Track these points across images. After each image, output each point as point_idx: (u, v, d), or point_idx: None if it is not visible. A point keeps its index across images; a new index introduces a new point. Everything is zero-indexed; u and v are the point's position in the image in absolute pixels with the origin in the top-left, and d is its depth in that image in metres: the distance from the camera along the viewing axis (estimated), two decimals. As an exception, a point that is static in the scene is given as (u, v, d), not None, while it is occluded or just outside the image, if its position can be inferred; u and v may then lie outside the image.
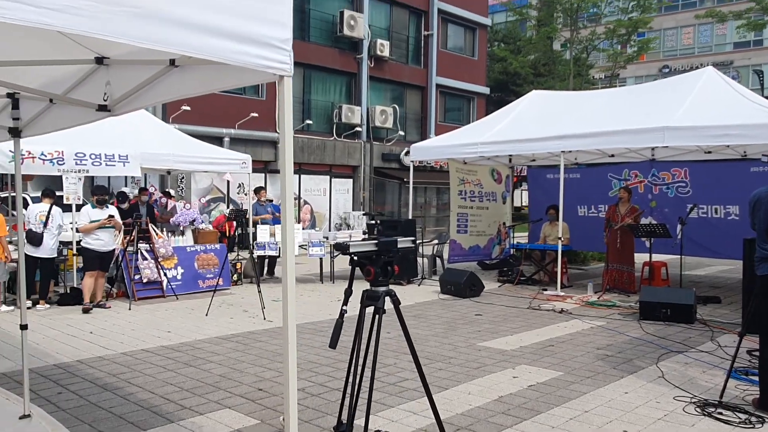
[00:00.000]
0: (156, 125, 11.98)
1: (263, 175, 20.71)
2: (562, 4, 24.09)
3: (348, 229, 21.53)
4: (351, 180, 23.84)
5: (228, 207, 19.75)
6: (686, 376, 5.58)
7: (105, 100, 3.40)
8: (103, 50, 3.34)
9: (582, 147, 9.93)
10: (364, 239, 3.53)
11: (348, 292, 3.56)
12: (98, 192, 9.13)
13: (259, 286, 8.90)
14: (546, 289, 10.56)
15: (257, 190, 12.78)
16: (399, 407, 4.80)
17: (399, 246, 3.58)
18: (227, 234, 15.23)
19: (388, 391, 5.21)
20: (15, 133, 4.57)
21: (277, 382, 5.47)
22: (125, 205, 11.31)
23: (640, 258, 10.70)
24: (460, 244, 13.56)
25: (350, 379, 3.56)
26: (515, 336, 7.27)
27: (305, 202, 22.52)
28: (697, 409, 4.65)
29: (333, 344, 3.48)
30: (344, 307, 3.58)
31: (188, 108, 17.98)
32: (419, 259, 12.15)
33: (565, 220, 11.12)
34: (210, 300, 9.09)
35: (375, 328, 3.51)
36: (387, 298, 3.55)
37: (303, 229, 21.31)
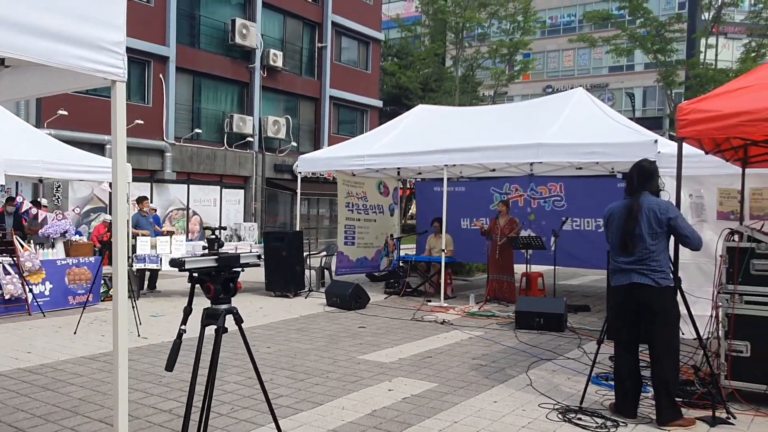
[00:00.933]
0: (24, 129, 11.17)
1: (149, 184, 19.86)
2: (449, 23, 24.88)
3: (238, 241, 21.09)
4: (242, 191, 23.34)
5: (105, 215, 18.75)
6: (552, 384, 5.83)
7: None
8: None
9: (464, 161, 10.23)
10: (203, 254, 3.38)
11: (187, 311, 3.42)
12: None
13: (134, 300, 8.47)
14: (430, 301, 10.75)
15: (139, 200, 12.22)
16: (268, 426, 4.69)
17: (242, 261, 3.48)
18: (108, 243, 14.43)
19: (259, 408, 5.08)
20: None
21: (143, 404, 5.19)
22: (-11, 215, 10.47)
23: (519, 269, 11.14)
24: (348, 256, 13.58)
25: (191, 402, 3.42)
26: (395, 348, 7.33)
27: (194, 213, 21.81)
28: (559, 416, 4.85)
29: (169, 366, 3.32)
30: (182, 327, 3.43)
31: (65, 113, 16.95)
32: (307, 271, 12.03)
33: (449, 233, 11.40)
34: (79, 317, 8.54)
35: (215, 348, 3.38)
36: (229, 316, 3.44)
37: (190, 240, 20.63)
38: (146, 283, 12.04)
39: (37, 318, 9.24)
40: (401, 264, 14.08)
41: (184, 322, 3.38)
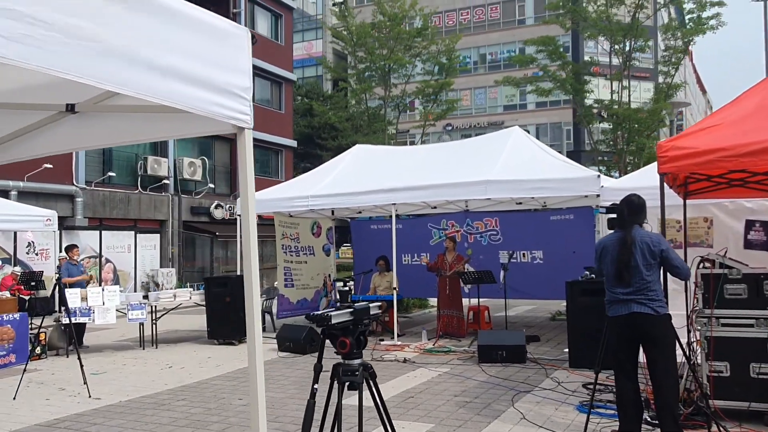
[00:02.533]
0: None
1: (58, 232, 18.62)
2: (376, 63, 25.37)
3: (158, 288, 20.12)
4: (158, 235, 22.38)
5: (14, 267, 17.37)
6: (544, 415, 5.94)
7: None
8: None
9: (412, 199, 10.37)
10: (336, 308, 3.22)
11: (318, 368, 3.23)
12: None
13: (80, 358, 7.88)
14: (383, 339, 10.70)
15: (69, 249, 11.46)
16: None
17: (372, 313, 3.36)
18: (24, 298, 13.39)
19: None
20: None
21: (135, 470, 4.81)
22: None
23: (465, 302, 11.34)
24: (288, 298, 13.31)
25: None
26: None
27: (107, 260, 20.62)
28: (567, 447, 4.95)
29: (306, 430, 3.09)
30: (315, 386, 3.22)
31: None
32: (250, 317, 11.64)
33: (391, 270, 11.48)
34: (20, 379, 7.81)
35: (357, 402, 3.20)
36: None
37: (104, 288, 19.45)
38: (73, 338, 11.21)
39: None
40: (339, 304, 14.01)
41: (315, 380, 3.17)
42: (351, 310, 3.34)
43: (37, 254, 18.23)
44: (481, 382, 7.46)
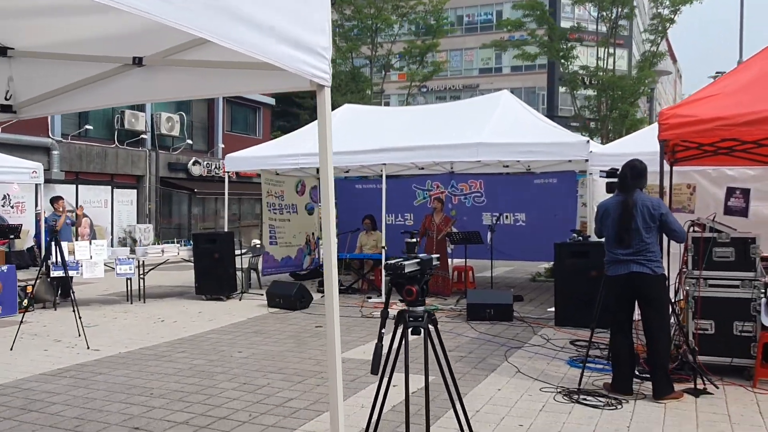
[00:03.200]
0: None
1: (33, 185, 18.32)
2: (363, 22, 25.05)
3: (135, 244, 20.00)
4: (135, 191, 22.15)
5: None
6: (537, 369, 6.23)
7: (7, 99, 2.85)
8: (7, 40, 2.80)
9: (402, 160, 10.48)
10: (403, 258, 3.36)
11: (385, 314, 3.40)
12: None
13: (76, 310, 7.94)
14: (370, 297, 10.92)
15: (54, 200, 11.36)
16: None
17: (434, 264, 3.53)
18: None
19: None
20: None
21: (152, 417, 4.96)
22: None
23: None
24: (273, 255, 13.45)
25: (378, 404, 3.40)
26: (368, 345, 7.44)
27: (84, 215, 20.35)
28: (565, 398, 5.24)
29: (375, 370, 3.27)
30: (383, 330, 3.40)
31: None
32: (237, 273, 11.75)
33: (377, 229, 11.66)
34: (17, 330, 7.85)
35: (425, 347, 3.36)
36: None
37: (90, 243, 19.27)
38: (59, 291, 11.20)
39: (-48, 335, 8.37)
40: (321, 264, 14.20)
41: (383, 325, 3.34)
42: (418, 260, 3.49)
43: (12, 207, 17.96)
44: (473, 338, 7.74)
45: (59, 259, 10.43)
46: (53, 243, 10.20)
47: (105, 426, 4.77)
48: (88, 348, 7.46)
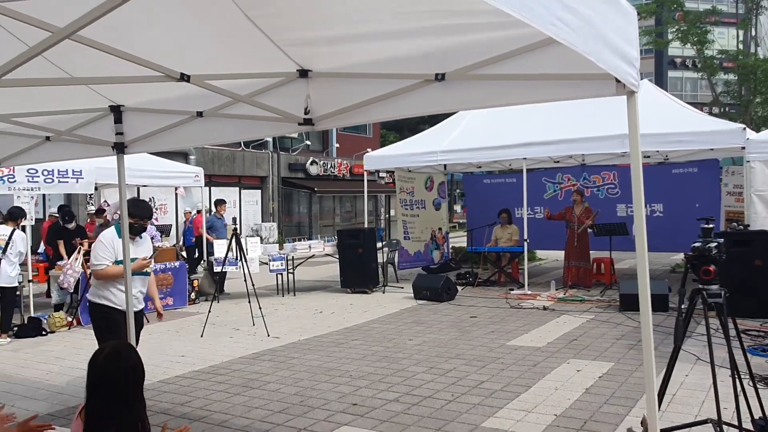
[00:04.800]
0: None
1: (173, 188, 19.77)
2: None
3: (262, 242, 21.12)
4: (260, 191, 23.38)
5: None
6: (717, 356, 6.25)
7: (306, 113, 3.33)
8: (307, 63, 3.27)
9: (545, 153, 10.63)
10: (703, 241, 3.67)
11: (682, 292, 3.70)
12: (135, 210, 4.83)
13: (258, 301, 8.68)
14: (512, 289, 11.14)
15: (218, 203, 12.34)
16: (508, 407, 4.99)
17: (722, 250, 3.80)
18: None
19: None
20: (119, 148, 4.28)
21: (362, 395, 5.43)
22: (72, 225, 10.44)
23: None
24: (407, 250, 13.92)
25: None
26: (530, 334, 7.69)
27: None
28: (761, 383, 5.29)
29: (679, 341, 3.57)
30: (683, 306, 3.71)
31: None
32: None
33: (513, 223, 11.92)
34: (205, 321, 8.66)
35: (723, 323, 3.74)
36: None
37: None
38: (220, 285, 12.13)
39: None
40: (453, 256, 14.60)
41: (681, 302, 3.74)
42: (716, 243, 3.73)
43: (157, 209, 19.45)
44: (634, 327, 7.81)
45: (217, 255, 11.33)
46: (205, 241, 11.11)
47: (325, 402, 5.29)
48: (269, 335, 8.13)
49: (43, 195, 9.16)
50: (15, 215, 8.37)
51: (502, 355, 6.64)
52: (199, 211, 15.72)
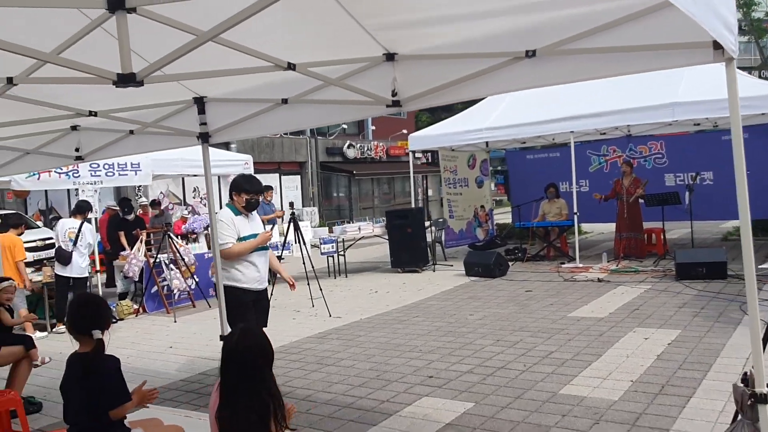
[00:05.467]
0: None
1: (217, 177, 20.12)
2: None
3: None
4: (299, 176, 23.66)
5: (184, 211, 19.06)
6: (786, 321, 6.26)
7: (394, 95, 3.45)
8: (393, 47, 3.39)
9: (592, 126, 10.58)
10: None
11: None
12: (250, 186, 4.88)
13: (318, 282, 8.90)
14: (563, 263, 11.17)
15: (265, 189, 12.56)
16: None
17: None
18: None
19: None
20: (204, 138, 4.46)
21: (436, 368, 5.58)
22: (131, 216, 10.78)
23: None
24: (453, 228, 14.02)
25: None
26: (589, 305, 7.75)
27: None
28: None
29: None
30: None
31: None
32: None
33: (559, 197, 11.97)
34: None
35: None
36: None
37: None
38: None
39: (204, 309, 9.61)
40: (498, 233, 14.66)
41: None
42: None
43: (201, 198, 19.85)
44: (695, 295, 7.82)
45: (273, 240, 11.57)
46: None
47: (402, 375, 5.47)
48: (330, 315, 8.34)
49: (93, 190, 9.42)
50: (83, 208, 8.70)
51: (566, 327, 6.73)
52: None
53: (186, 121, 4.43)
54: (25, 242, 13.33)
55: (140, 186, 16.56)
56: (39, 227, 16.10)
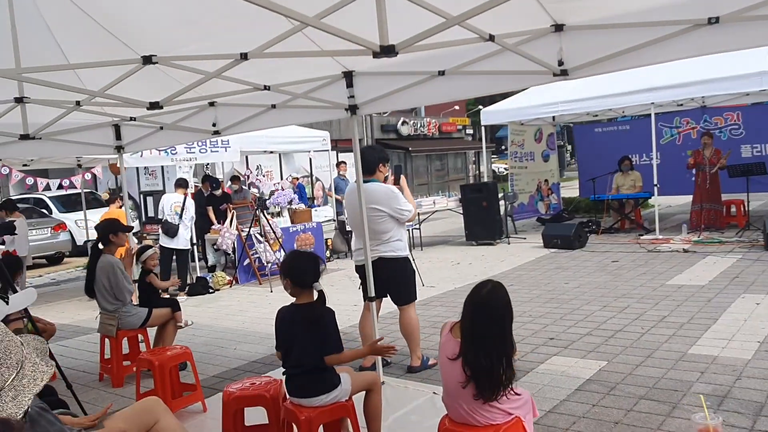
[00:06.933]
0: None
1: (277, 154, 20.52)
2: None
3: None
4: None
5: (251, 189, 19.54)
6: None
7: (561, 65, 3.62)
8: (561, 18, 3.55)
9: (675, 97, 10.53)
10: None
11: None
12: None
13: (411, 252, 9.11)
14: (641, 234, 11.22)
15: (338, 164, 12.93)
16: None
17: None
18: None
19: None
20: (353, 110, 4.71)
21: (553, 332, 5.79)
22: (219, 192, 11.18)
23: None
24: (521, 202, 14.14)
25: None
26: (684, 274, 7.84)
27: (317, 179, 22.51)
28: None
29: None
30: None
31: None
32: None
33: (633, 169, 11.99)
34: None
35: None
36: None
37: (317, 206, 21.39)
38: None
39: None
40: (564, 207, 14.73)
41: None
42: None
43: (263, 175, 20.30)
44: (794, 264, 7.85)
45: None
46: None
47: (522, 337, 5.68)
48: (423, 285, 8.58)
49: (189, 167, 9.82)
50: (185, 183, 9.10)
51: (670, 293, 6.86)
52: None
53: (333, 94, 4.67)
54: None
55: (208, 164, 17.02)
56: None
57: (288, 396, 3.26)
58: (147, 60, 3.36)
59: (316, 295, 3.20)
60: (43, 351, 1.79)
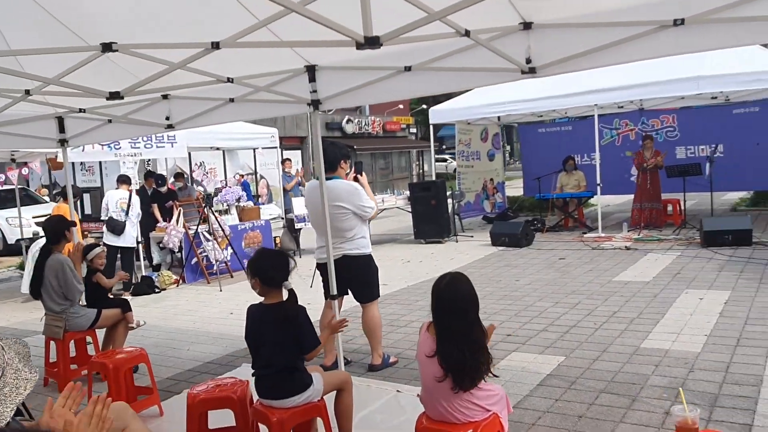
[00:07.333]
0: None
1: (221, 151, 20.11)
2: None
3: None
4: (300, 151, 23.70)
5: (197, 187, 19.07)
6: (826, 281, 6.66)
7: (529, 62, 3.66)
8: (530, 16, 3.59)
9: (617, 99, 10.86)
10: None
11: None
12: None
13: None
14: (585, 233, 11.53)
15: (283, 162, 12.80)
16: None
17: None
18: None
19: None
20: (315, 105, 4.63)
21: (510, 327, 5.87)
22: (164, 189, 10.85)
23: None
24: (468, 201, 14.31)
25: None
26: (629, 271, 8.09)
27: (261, 177, 22.18)
28: None
29: None
30: None
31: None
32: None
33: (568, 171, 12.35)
34: (313, 274, 9.10)
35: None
36: None
37: (262, 203, 21.08)
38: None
39: (243, 279, 9.75)
40: (509, 205, 15.00)
41: None
42: None
43: (206, 174, 19.84)
44: (727, 261, 8.20)
45: (297, 212, 11.75)
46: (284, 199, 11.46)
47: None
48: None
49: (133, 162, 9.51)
50: (129, 180, 8.78)
51: (617, 290, 7.06)
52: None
53: (293, 88, 4.58)
54: (33, 217, 13.35)
55: (149, 160, 16.53)
56: (46, 201, 16.05)
57: (258, 397, 3.17)
58: (107, 47, 3.20)
59: (286, 295, 3.12)
60: (26, 355, 1.67)
